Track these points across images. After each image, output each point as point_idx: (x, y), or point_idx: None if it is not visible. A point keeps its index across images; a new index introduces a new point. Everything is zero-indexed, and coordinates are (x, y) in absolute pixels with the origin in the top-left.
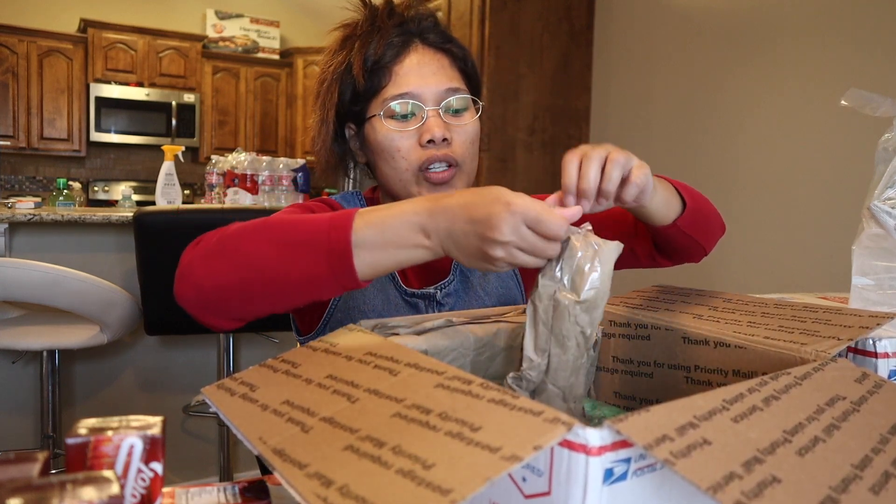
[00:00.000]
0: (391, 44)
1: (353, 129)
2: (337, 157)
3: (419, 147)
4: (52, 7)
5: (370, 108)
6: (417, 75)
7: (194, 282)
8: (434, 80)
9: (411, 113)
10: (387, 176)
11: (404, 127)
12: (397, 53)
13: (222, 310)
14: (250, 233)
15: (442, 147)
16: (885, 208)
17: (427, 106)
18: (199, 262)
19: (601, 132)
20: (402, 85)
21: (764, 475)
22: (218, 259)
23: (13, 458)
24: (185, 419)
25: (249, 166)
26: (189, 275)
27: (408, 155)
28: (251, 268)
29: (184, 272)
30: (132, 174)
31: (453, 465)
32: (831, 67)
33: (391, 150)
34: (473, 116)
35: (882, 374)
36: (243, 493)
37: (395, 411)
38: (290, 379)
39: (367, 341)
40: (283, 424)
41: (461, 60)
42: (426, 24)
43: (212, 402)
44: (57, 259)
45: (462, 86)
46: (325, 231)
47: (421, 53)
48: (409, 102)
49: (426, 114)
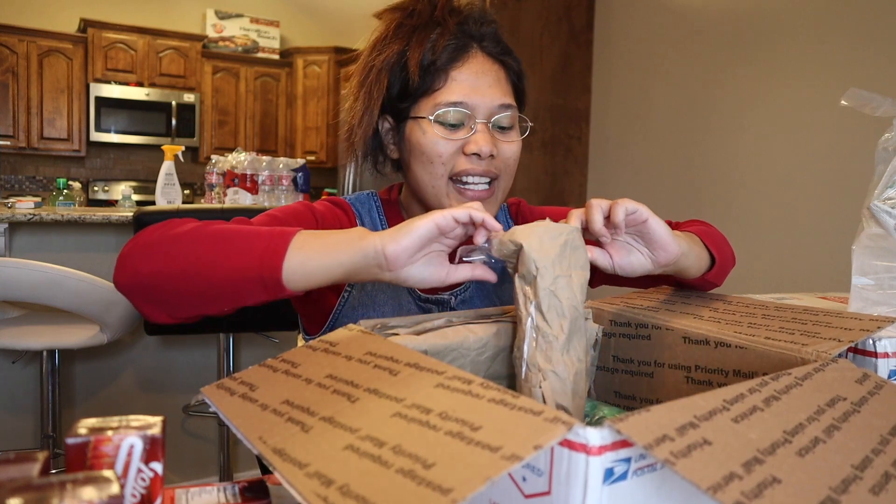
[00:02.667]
0: (450, 45)
1: (390, 122)
2: (370, 149)
3: (462, 155)
4: (51, 7)
5: (418, 107)
6: (473, 85)
7: (131, 268)
8: (490, 92)
9: (460, 122)
10: (419, 178)
11: (451, 135)
12: (456, 58)
13: (156, 299)
14: (192, 228)
15: (484, 162)
16: (885, 208)
17: (478, 118)
18: (138, 252)
19: (601, 132)
20: (458, 93)
21: (764, 476)
22: (156, 248)
23: (13, 458)
24: (185, 419)
25: (249, 166)
26: (126, 263)
27: (448, 161)
28: (185, 258)
29: (122, 259)
30: (132, 174)
31: (453, 465)
32: (831, 67)
33: (432, 154)
34: (520, 136)
35: (882, 374)
36: (243, 493)
37: (395, 411)
38: (289, 379)
39: (367, 341)
40: (283, 424)
41: (515, 75)
42: (487, 31)
43: (211, 401)
44: (57, 259)
45: (513, 102)
46: (267, 233)
47: (480, 62)
48: (461, 112)
49: (476, 126)
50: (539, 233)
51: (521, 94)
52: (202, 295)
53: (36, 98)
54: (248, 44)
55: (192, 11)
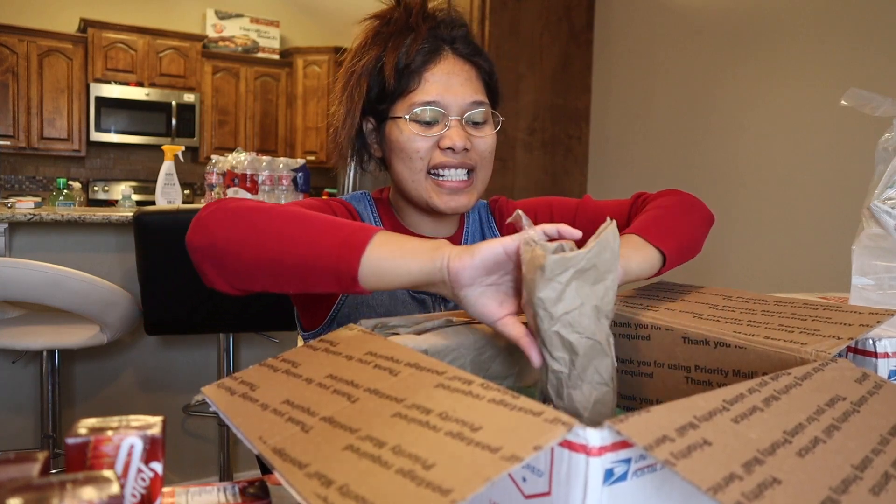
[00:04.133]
0: (423, 49)
1: (372, 123)
2: (355, 149)
3: (438, 150)
4: (51, 7)
5: (395, 108)
6: (445, 85)
7: (211, 231)
8: (461, 91)
9: (435, 120)
10: (400, 174)
11: (427, 132)
12: (428, 60)
13: (226, 265)
14: (277, 209)
15: (458, 155)
16: (885, 208)
17: (451, 115)
18: (221, 216)
19: (601, 132)
20: (431, 92)
21: (764, 476)
22: (239, 219)
23: (13, 458)
24: (185, 419)
25: (249, 166)
26: (207, 224)
27: (425, 156)
28: (267, 232)
29: (202, 221)
30: (132, 174)
31: (453, 465)
32: (831, 67)
33: (411, 150)
34: (493, 129)
35: (882, 373)
36: (243, 493)
37: (395, 411)
38: (290, 378)
39: (367, 341)
40: (283, 424)
41: (487, 74)
42: (458, 34)
43: (212, 401)
44: (57, 259)
45: (485, 99)
46: (348, 226)
47: (451, 63)
48: (435, 110)
49: (449, 122)
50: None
51: (493, 92)
52: (274, 272)
53: (36, 98)
54: (248, 44)
55: (192, 11)
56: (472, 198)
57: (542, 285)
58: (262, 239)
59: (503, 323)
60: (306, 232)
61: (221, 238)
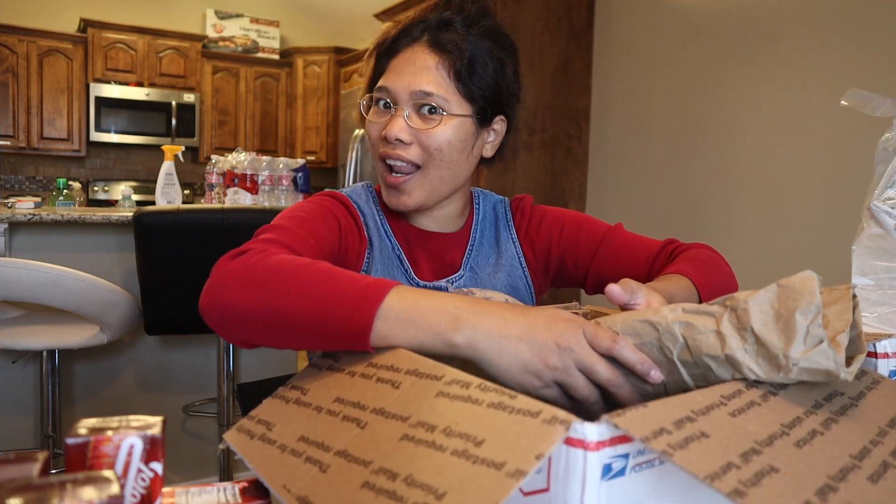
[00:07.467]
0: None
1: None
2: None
3: (384, 140)
4: (51, 7)
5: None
6: (398, 73)
7: (221, 302)
8: (411, 79)
9: (388, 108)
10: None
11: (378, 119)
12: (398, 48)
13: (237, 334)
14: (287, 272)
15: (398, 147)
16: (885, 208)
17: (399, 104)
18: (231, 285)
19: (601, 132)
20: (386, 79)
21: (762, 465)
22: (248, 289)
23: (13, 458)
24: (185, 419)
25: (249, 166)
26: (218, 294)
27: (376, 144)
28: (275, 309)
29: (214, 288)
30: (132, 174)
31: (464, 491)
32: (831, 67)
33: (369, 136)
34: (447, 123)
35: (882, 374)
36: (243, 493)
37: (402, 433)
38: (301, 409)
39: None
40: (303, 466)
41: (464, 68)
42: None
43: (235, 448)
44: (57, 259)
45: (439, 92)
46: (360, 292)
47: (416, 52)
48: (385, 98)
49: (394, 111)
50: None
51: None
52: (284, 334)
53: (36, 98)
54: (248, 44)
55: (192, 11)
56: (413, 198)
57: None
58: (270, 307)
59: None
60: (312, 300)
61: (231, 307)
